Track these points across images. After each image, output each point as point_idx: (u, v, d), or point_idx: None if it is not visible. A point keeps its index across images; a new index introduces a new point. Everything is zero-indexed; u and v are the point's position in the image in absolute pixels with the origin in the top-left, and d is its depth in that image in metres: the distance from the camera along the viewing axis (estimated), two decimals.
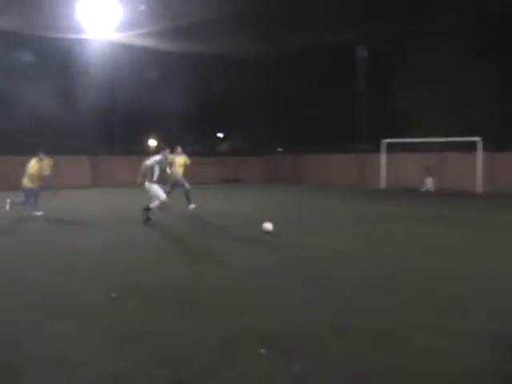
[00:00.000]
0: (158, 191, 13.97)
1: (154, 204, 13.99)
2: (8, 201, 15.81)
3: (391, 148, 32.52)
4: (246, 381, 4.25)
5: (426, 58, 35.25)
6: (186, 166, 18.64)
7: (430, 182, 28.71)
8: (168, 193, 15.72)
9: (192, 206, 17.39)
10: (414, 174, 30.75)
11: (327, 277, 8.08)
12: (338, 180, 34.30)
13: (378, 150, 32.27)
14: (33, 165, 15.55)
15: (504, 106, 32.79)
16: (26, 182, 15.47)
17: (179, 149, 18.57)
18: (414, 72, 36.13)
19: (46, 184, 17.07)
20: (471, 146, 28.78)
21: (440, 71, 35.00)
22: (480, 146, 28.36)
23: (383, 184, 31.58)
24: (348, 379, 4.27)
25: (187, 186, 17.41)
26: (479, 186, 27.91)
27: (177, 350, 4.98)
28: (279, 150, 42.61)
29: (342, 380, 4.25)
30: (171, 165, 15.37)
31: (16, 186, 16.15)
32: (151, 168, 13.96)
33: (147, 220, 13.87)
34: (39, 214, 15.61)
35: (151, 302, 6.62)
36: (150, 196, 14.08)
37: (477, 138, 28.35)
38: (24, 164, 15.39)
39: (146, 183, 14.00)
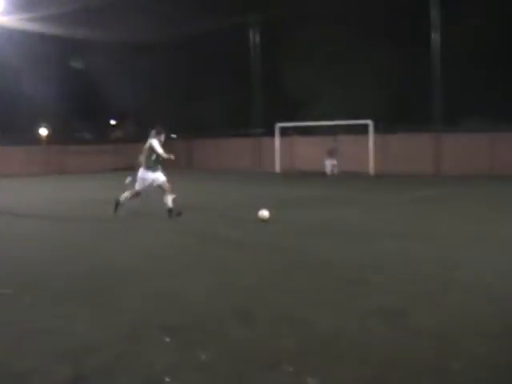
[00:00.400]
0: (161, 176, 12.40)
1: (128, 193, 12.58)
2: None
3: (285, 132, 33.03)
4: (151, 371, 4.11)
5: (320, 42, 35.86)
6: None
7: (332, 165, 28.94)
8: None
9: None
10: (309, 158, 31.34)
11: (226, 263, 7.97)
12: (233, 164, 34.44)
13: (272, 134, 32.70)
14: None
15: (395, 89, 34.04)
16: None
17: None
18: (306, 56, 36.68)
19: None
20: (363, 129, 29.67)
21: (333, 55, 35.78)
22: (371, 129, 29.29)
23: (278, 168, 32.01)
24: (253, 365, 4.21)
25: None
26: (372, 167, 28.87)
27: (79, 343, 4.69)
28: (173, 135, 42.11)
29: (247, 366, 4.19)
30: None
31: None
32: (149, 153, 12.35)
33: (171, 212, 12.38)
34: None
35: (51, 295, 6.28)
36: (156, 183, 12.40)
37: (368, 121, 29.24)
38: None
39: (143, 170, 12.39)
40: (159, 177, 12.32)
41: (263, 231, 10.97)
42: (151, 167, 12.27)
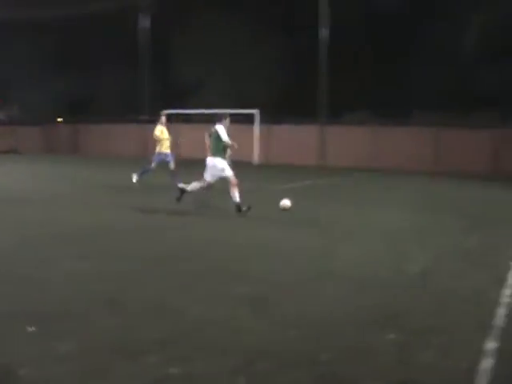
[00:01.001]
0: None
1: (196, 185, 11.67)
2: None
3: (172, 119, 32.78)
4: (12, 363, 3.93)
5: (210, 30, 35.76)
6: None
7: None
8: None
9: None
10: (192, 146, 31.27)
11: (98, 249, 7.72)
12: (121, 151, 33.72)
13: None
14: None
15: (282, 80, 34.54)
16: None
17: (163, 118, 15.92)
18: (196, 44, 36.48)
19: None
20: (249, 119, 29.96)
21: (223, 44, 35.80)
22: (257, 119, 29.64)
23: None
24: (118, 356, 4.14)
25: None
26: (256, 157, 29.24)
27: None
28: (59, 120, 40.70)
29: (111, 357, 4.10)
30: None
31: None
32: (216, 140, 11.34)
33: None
34: None
35: None
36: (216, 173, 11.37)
37: (254, 111, 29.55)
38: None
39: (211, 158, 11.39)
40: (227, 168, 11.27)
41: (135, 218, 10.69)
42: (220, 155, 11.32)
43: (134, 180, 15.47)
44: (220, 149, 11.28)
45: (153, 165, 15.46)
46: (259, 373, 3.90)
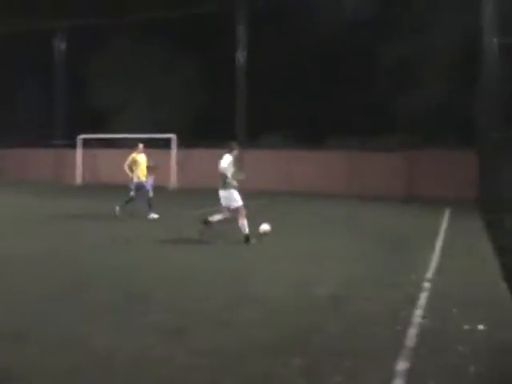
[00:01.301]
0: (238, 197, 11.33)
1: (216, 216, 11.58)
2: None
3: (88, 144, 32.33)
4: None
5: (127, 53, 35.51)
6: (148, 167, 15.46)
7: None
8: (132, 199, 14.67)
9: (153, 216, 14.73)
10: (110, 170, 30.95)
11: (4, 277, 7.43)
12: (35, 176, 32.80)
13: (74, 145, 31.88)
14: None
15: (200, 104, 34.64)
16: None
17: (141, 146, 15.40)
18: (114, 67, 36.11)
19: None
20: (167, 143, 29.85)
21: (141, 68, 35.64)
22: (175, 143, 29.56)
23: (79, 180, 31.26)
24: None
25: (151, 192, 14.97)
26: (174, 182, 29.06)
27: None
28: None
29: None
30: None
31: None
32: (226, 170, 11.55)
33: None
34: None
35: None
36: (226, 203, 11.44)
37: (172, 135, 29.48)
38: None
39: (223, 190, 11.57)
40: (239, 199, 11.32)
41: (47, 244, 10.26)
42: (232, 186, 11.44)
43: (117, 213, 14.67)
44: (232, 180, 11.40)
45: (132, 193, 14.87)
46: None
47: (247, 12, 29.83)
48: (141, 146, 15.24)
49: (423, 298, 6.70)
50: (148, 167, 15.29)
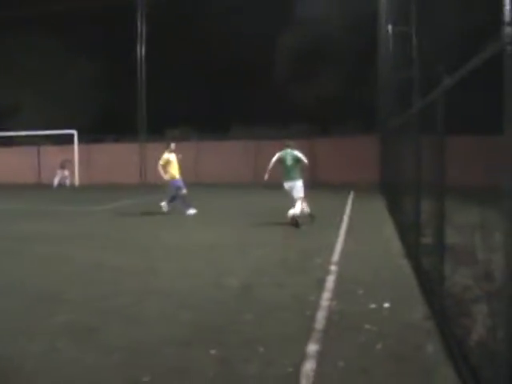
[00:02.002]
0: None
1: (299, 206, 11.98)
2: None
3: None
4: None
5: (25, 50, 34.30)
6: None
7: (63, 177, 27.81)
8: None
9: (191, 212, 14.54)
10: (12, 169, 29.90)
11: None
12: None
13: None
14: None
15: (101, 100, 33.92)
16: None
17: (173, 145, 15.09)
18: (9, 64, 34.80)
19: None
20: (69, 139, 29.05)
21: (39, 65, 34.46)
22: (76, 139, 28.81)
23: None
24: None
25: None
26: (77, 178, 28.33)
27: None
28: None
29: None
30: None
31: None
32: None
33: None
34: None
35: None
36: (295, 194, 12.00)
37: (73, 131, 28.70)
38: None
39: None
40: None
41: None
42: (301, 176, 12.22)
43: (165, 209, 14.69)
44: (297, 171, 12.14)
45: (184, 191, 14.71)
46: None
47: (146, 6, 29.28)
48: (173, 145, 15.07)
49: (331, 281, 6.86)
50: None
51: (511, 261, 2.78)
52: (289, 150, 12.33)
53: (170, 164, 14.80)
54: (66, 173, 28.07)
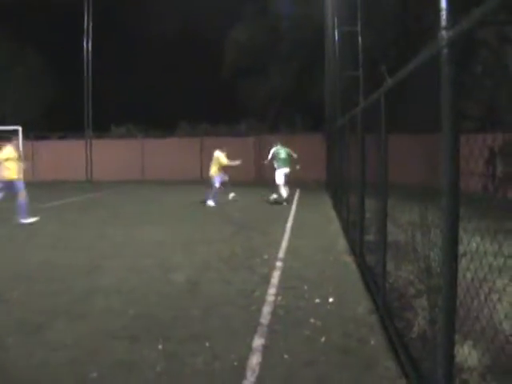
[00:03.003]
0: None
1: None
2: None
3: None
4: None
5: None
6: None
7: None
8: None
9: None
10: None
11: None
12: None
13: None
14: None
15: (47, 96, 33.28)
16: None
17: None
18: None
19: None
20: (12, 135, 28.33)
21: None
22: (20, 135, 28.11)
23: None
24: None
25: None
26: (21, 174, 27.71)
27: None
28: None
29: None
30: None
31: None
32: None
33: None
34: None
35: None
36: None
37: (17, 127, 28.01)
38: None
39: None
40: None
41: None
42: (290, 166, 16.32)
43: (213, 203, 15.97)
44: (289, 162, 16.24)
45: (217, 185, 16.42)
46: None
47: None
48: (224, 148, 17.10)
49: (276, 276, 6.96)
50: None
51: (448, 256, 2.89)
52: (279, 146, 16.21)
53: (218, 162, 16.60)
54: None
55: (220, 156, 16.65)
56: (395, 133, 4.93)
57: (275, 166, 16.18)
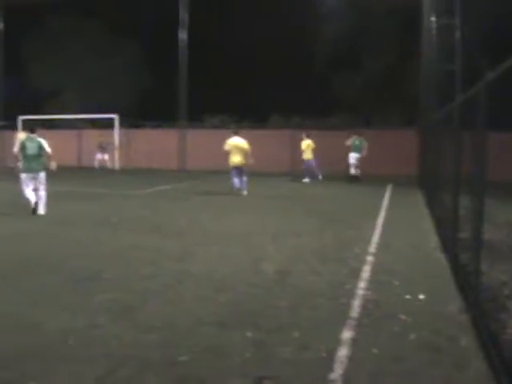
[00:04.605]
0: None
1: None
2: None
3: (29, 125, 31.44)
4: None
5: (68, 33, 34.72)
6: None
7: (103, 160, 28.27)
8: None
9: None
10: (53, 151, 30.42)
11: None
12: None
13: (15, 127, 30.92)
14: None
15: (143, 85, 34.28)
16: None
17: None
18: (53, 47, 35.30)
19: None
20: (109, 124, 29.33)
21: (82, 48, 34.90)
22: (117, 124, 29.07)
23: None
24: None
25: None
26: (117, 162, 28.65)
27: None
28: None
29: None
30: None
31: None
32: None
33: None
34: None
35: None
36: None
37: (114, 116, 28.95)
38: None
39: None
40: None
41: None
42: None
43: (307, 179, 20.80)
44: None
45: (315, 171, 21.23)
46: (122, 379, 3.82)
47: None
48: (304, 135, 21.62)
49: (366, 271, 6.93)
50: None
51: None
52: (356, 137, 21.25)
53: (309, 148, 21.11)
54: (106, 157, 28.42)
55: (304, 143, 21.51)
56: (497, 129, 4.79)
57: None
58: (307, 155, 21.32)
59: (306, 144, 21.37)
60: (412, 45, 23.86)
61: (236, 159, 15.89)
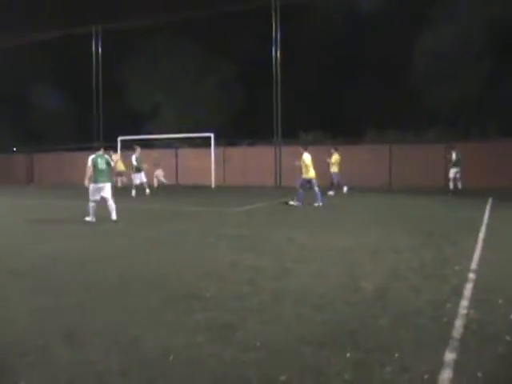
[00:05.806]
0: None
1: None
2: None
3: (127, 145, 32.75)
4: None
5: (164, 54, 35.97)
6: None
7: (160, 175, 28.92)
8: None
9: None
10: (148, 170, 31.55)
11: (47, 283, 7.34)
12: (74, 178, 33.51)
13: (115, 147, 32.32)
14: None
15: (237, 103, 34.94)
16: None
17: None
18: (148, 70, 36.59)
19: None
20: (205, 142, 29.98)
21: (177, 68, 36.06)
22: (213, 142, 29.69)
23: (119, 182, 31.83)
24: None
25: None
26: (213, 180, 29.18)
27: None
28: (14, 149, 40.57)
29: None
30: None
31: None
32: None
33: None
34: None
35: None
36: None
37: (210, 134, 29.59)
38: None
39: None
40: None
41: (95, 242, 10.48)
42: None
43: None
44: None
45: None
46: None
47: (280, 8, 29.54)
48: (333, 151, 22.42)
49: (469, 289, 6.69)
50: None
51: None
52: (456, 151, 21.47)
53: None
54: (161, 172, 28.56)
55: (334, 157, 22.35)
56: None
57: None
58: (334, 169, 22.23)
59: (335, 158, 22.23)
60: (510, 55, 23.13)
61: (313, 173, 17.83)
